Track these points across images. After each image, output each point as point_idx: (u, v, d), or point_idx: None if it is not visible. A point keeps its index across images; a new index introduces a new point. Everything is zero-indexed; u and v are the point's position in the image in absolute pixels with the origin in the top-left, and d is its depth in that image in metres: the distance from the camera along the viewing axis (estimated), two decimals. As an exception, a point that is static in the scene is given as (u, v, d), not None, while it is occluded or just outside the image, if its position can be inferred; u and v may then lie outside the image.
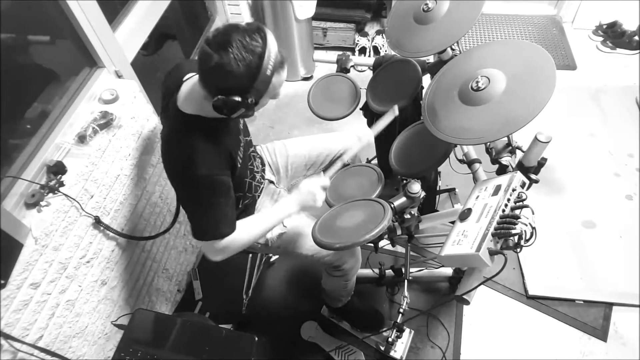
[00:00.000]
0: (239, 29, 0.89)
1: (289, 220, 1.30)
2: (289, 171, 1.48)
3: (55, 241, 1.10)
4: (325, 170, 1.55)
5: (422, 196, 1.09)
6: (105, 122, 1.25)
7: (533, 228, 0.91)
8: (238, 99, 0.90)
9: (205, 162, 0.99)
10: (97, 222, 1.23)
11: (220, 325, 1.27)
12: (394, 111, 1.30)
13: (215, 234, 1.03)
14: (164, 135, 1.08)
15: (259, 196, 1.34)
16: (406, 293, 1.40)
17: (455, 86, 1.08)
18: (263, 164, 1.40)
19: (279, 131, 2.46)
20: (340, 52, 1.63)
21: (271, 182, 1.43)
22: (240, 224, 1.08)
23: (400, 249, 1.92)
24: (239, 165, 1.13)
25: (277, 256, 1.92)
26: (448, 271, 1.73)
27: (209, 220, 1.03)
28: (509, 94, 0.98)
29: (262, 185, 1.35)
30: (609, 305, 1.70)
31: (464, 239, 0.95)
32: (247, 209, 1.28)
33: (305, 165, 1.50)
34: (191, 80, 1.05)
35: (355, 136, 1.50)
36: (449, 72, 1.18)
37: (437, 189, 1.81)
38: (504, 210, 0.94)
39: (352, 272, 1.39)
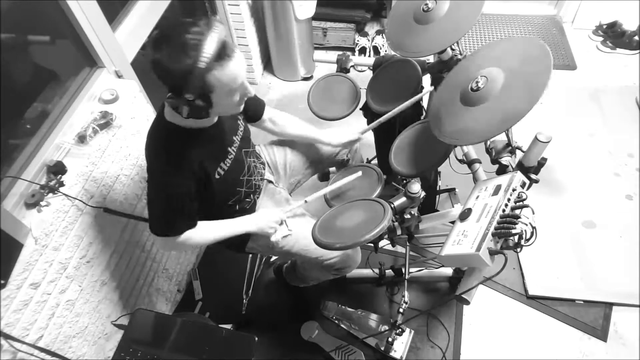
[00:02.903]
0: (179, 23, 0.85)
1: (294, 223, 1.31)
2: (288, 170, 1.48)
3: (55, 241, 1.10)
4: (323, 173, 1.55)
5: (422, 196, 1.09)
6: (105, 122, 1.25)
7: (533, 228, 0.91)
8: (178, 97, 0.89)
9: (165, 167, 1.02)
10: (106, 211, 1.24)
11: (220, 325, 1.27)
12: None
13: (166, 231, 1.08)
14: (147, 132, 1.10)
15: (258, 197, 1.34)
16: (406, 293, 1.40)
17: (457, 90, 1.08)
18: (263, 168, 1.39)
19: (279, 131, 2.46)
20: (340, 52, 1.63)
21: (270, 181, 1.43)
22: (201, 224, 1.12)
23: (400, 249, 1.92)
24: (219, 177, 1.11)
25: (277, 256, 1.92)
26: (448, 271, 1.73)
27: (165, 216, 1.07)
28: (507, 88, 0.97)
29: (260, 188, 1.35)
30: (609, 305, 1.70)
31: (464, 239, 0.95)
32: (248, 212, 1.28)
33: (303, 164, 1.49)
34: None
35: (354, 134, 1.50)
36: (452, 77, 1.18)
37: (437, 189, 1.81)
38: (504, 210, 0.94)
39: (347, 272, 1.39)
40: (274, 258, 1.92)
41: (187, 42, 0.83)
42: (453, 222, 1.07)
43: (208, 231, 1.16)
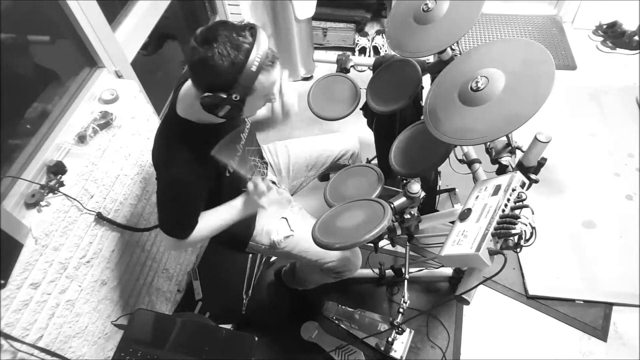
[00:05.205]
0: (227, 25, 0.88)
1: (295, 224, 1.31)
2: (290, 172, 1.48)
3: (55, 241, 1.10)
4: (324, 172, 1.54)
5: (422, 196, 1.09)
6: (105, 122, 1.25)
7: (533, 228, 0.91)
8: (223, 95, 0.89)
9: (179, 167, 1.00)
10: (100, 218, 1.23)
11: (220, 325, 1.27)
12: None
13: (179, 234, 1.09)
14: (157, 130, 1.10)
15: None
16: (406, 293, 1.40)
17: (454, 88, 1.08)
18: (266, 168, 1.39)
19: (279, 131, 2.45)
20: (340, 52, 1.63)
21: (273, 182, 1.43)
22: (200, 223, 1.11)
23: (400, 249, 1.92)
24: (228, 175, 1.12)
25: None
26: (448, 271, 1.73)
27: (177, 216, 1.08)
28: (509, 91, 0.97)
29: None
30: (609, 305, 1.70)
31: (464, 239, 0.95)
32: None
33: (306, 167, 1.50)
34: (189, 82, 1.05)
35: (356, 137, 1.50)
36: (448, 74, 1.17)
37: (437, 189, 1.81)
38: (503, 210, 0.94)
39: (348, 276, 1.39)
40: (273, 258, 1.92)
41: (240, 44, 0.85)
42: (453, 222, 1.07)
43: (205, 228, 1.13)
